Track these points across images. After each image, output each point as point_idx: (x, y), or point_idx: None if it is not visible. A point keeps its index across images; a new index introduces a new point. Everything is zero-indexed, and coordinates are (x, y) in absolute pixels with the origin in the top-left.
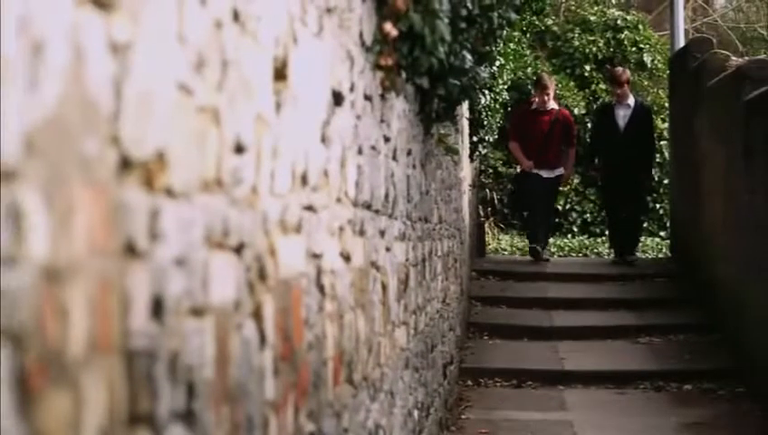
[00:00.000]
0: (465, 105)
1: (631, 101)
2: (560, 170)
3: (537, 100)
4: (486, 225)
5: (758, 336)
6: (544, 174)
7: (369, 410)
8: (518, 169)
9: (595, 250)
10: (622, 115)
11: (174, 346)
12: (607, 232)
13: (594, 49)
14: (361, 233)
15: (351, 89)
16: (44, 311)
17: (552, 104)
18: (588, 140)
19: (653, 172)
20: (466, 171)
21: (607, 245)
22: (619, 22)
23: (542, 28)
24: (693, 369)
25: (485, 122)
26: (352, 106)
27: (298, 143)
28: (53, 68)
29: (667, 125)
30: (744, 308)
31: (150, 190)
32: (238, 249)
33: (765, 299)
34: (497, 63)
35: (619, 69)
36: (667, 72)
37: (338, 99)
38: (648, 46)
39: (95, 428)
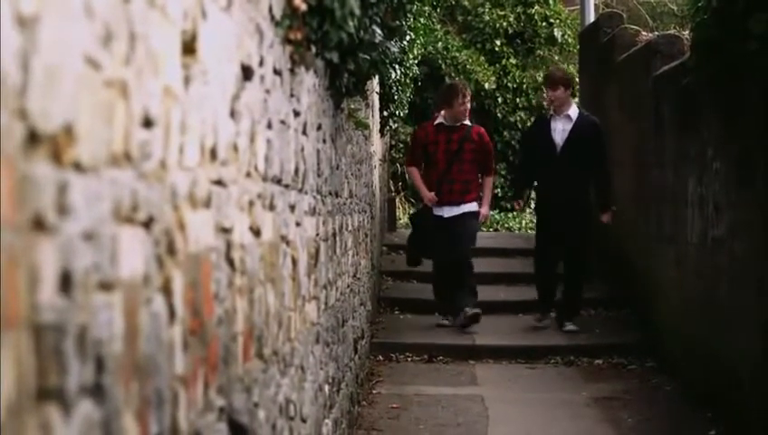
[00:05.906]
0: (376, 80)
1: (573, 111)
2: (470, 206)
3: (449, 113)
4: (397, 199)
5: (666, 311)
6: (446, 212)
7: (279, 385)
8: (418, 201)
9: (505, 225)
10: (560, 129)
11: (82, 321)
12: (535, 283)
13: (505, 24)
14: (271, 207)
15: (261, 63)
16: None
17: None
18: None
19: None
20: (377, 146)
21: (518, 221)
22: None
23: (453, 2)
24: (603, 343)
25: (396, 97)
26: (262, 80)
27: (207, 117)
28: None
29: (577, 100)
30: (653, 283)
31: (58, 164)
32: (147, 224)
33: (673, 274)
34: (407, 38)
35: (556, 68)
36: (578, 46)
37: (247, 73)
38: (558, 21)
39: (3, 403)
